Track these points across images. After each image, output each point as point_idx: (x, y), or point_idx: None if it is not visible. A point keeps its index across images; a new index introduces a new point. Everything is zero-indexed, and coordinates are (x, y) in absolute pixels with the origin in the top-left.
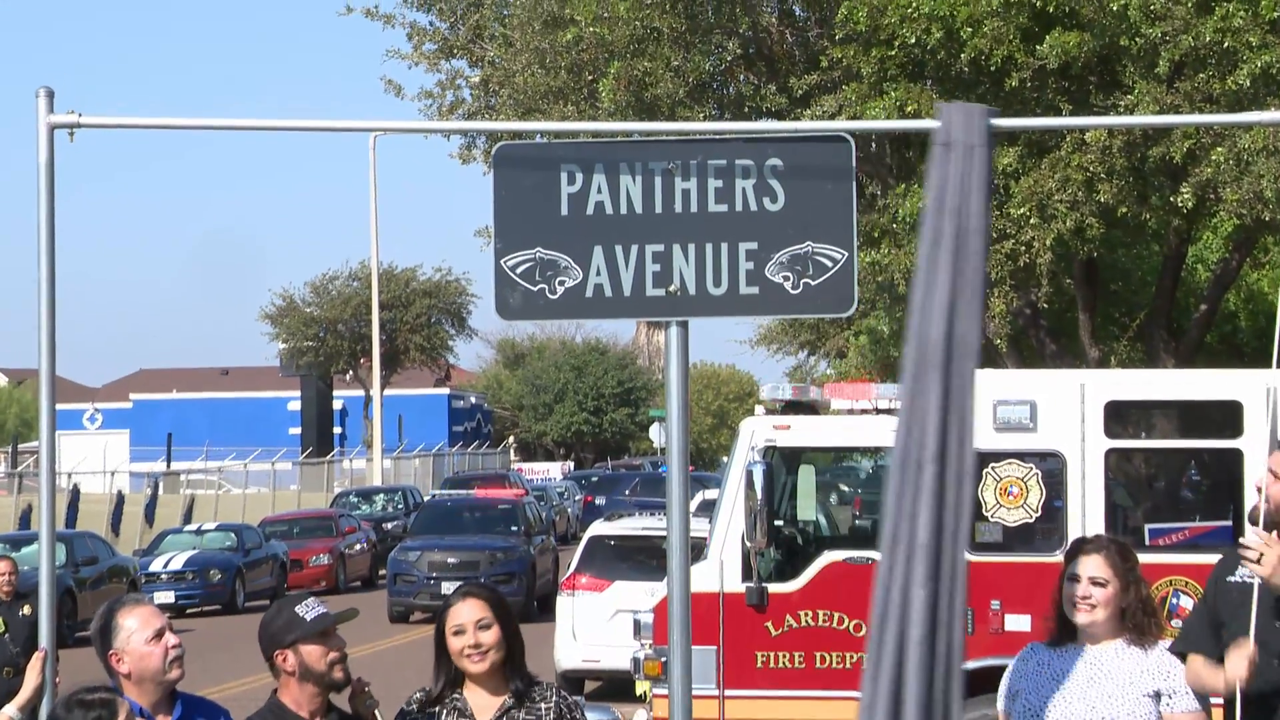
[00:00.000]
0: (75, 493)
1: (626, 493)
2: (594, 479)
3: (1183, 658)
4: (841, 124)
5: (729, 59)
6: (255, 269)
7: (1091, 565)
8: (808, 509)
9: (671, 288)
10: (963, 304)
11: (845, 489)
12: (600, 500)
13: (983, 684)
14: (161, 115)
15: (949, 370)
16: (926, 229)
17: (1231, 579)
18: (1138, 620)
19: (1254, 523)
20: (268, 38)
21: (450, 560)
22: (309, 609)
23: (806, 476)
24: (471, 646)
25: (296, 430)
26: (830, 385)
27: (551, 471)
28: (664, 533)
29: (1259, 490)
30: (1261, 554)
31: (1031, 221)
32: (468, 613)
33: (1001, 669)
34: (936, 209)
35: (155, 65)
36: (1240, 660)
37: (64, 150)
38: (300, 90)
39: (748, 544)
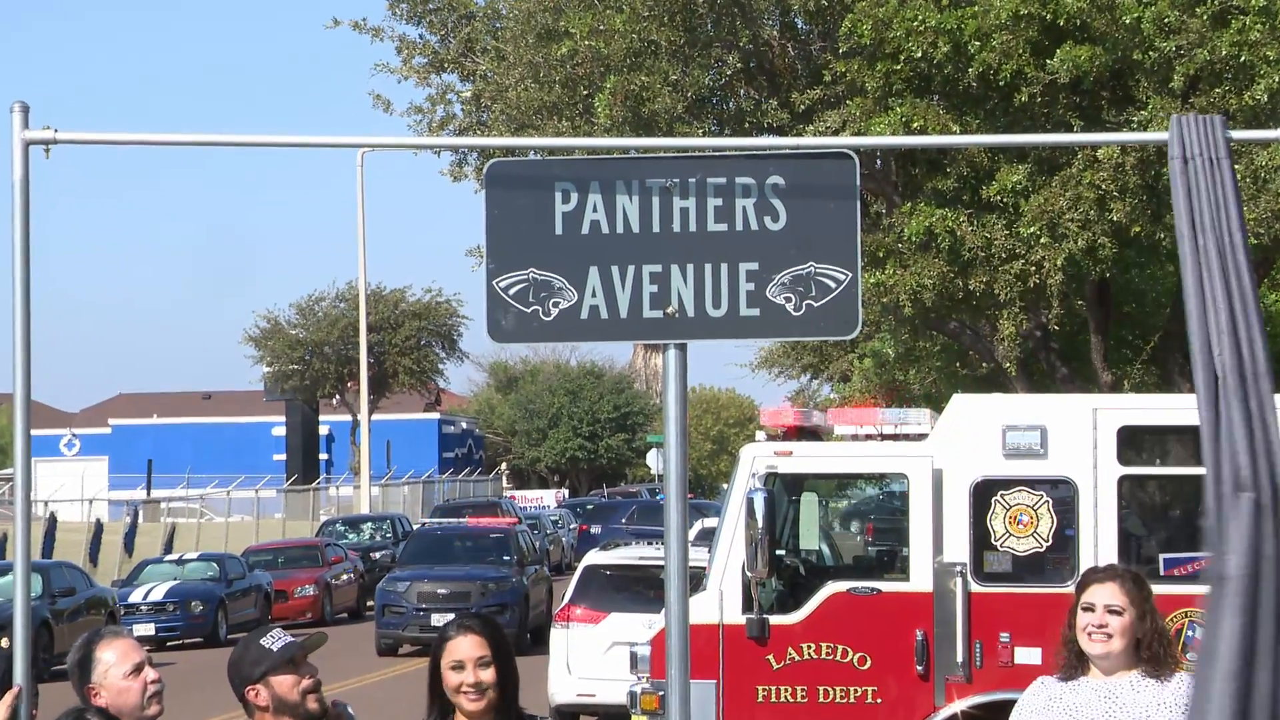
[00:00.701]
0: (52, 521)
1: (623, 521)
2: (589, 507)
3: None
4: (847, 140)
5: (729, 73)
6: (238, 289)
7: (1106, 593)
8: (810, 538)
9: (669, 309)
10: (1243, 322)
11: (853, 516)
12: (596, 529)
13: (992, 719)
14: (142, 130)
15: (1246, 393)
16: (1185, 250)
17: None
18: (1154, 651)
19: None
20: (251, 51)
21: (440, 591)
22: (275, 639)
23: (809, 504)
24: (470, 685)
25: (281, 456)
26: (834, 410)
27: (545, 499)
28: (662, 562)
29: None
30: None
31: (1042, 241)
32: (467, 648)
33: (1011, 704)
34: (1191, 228)
35: (135, 80)
36: None
37: (38, 165)
38: (285, 105)
39: (748, 574)
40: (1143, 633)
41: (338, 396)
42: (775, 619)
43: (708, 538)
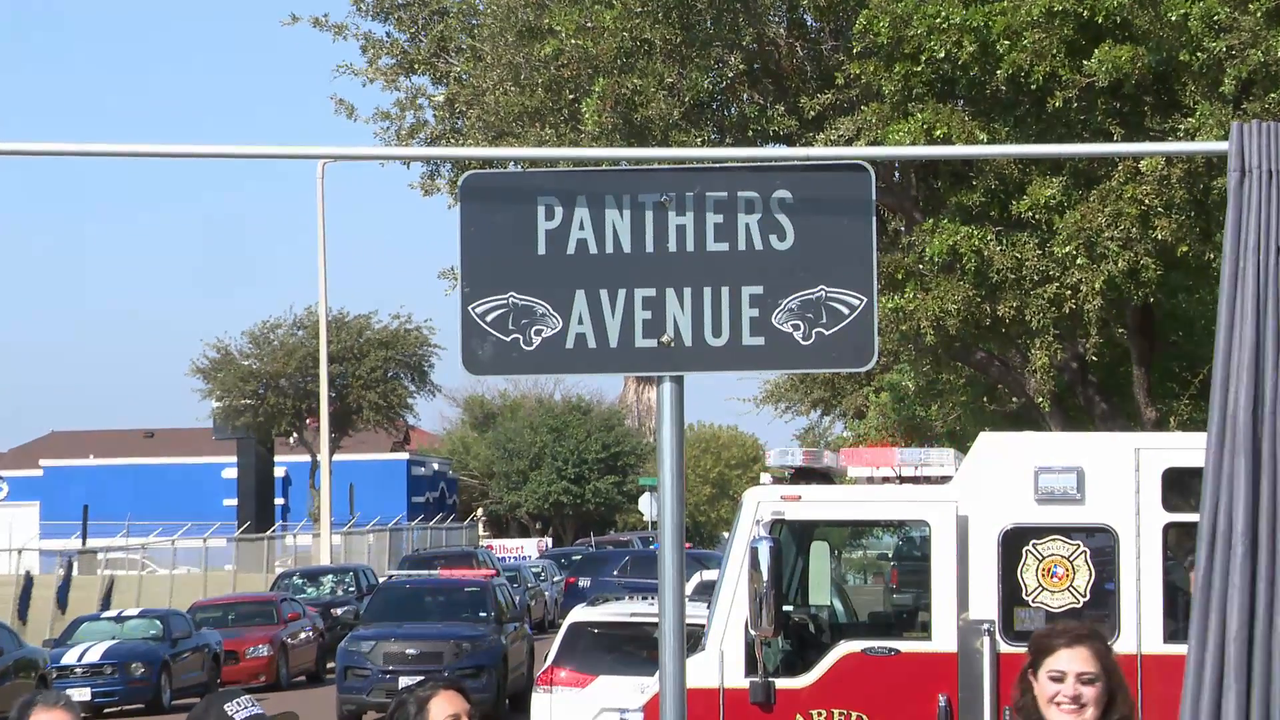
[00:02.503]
0: None
1: (615, 573)
2: (576, 558)
3: None
4: (862, 150)
5: (730, 75)
6: (185, 315)
7: (1078, 660)
8: (821, 592)
9: (664, 338)
10: (1272, 358)
11: (868, 568)
12: (585, 582)
13: None
14: (78, 140)
15: (1257, 433)
16: (1225, 270)
17: None
18: (1121, 714)
19: None
20: (198, 50)
21: (409, 651)
22: (240, 708)
23: (819, 554)
24: None
25: (232, 501)
26: (847, 450)
27: (526, 549)
28: (655, 619)
29: None
30: None
31: (1079, 262)
32: (457, 702)
33: None
34: (1235, 246)
35: (72, 87)
36: None
37: None
38: (237, 111)
39: (752, 632)
40: (1111, 695)
41: (295, 434)
42: (782, 682)
43: (707, 591)
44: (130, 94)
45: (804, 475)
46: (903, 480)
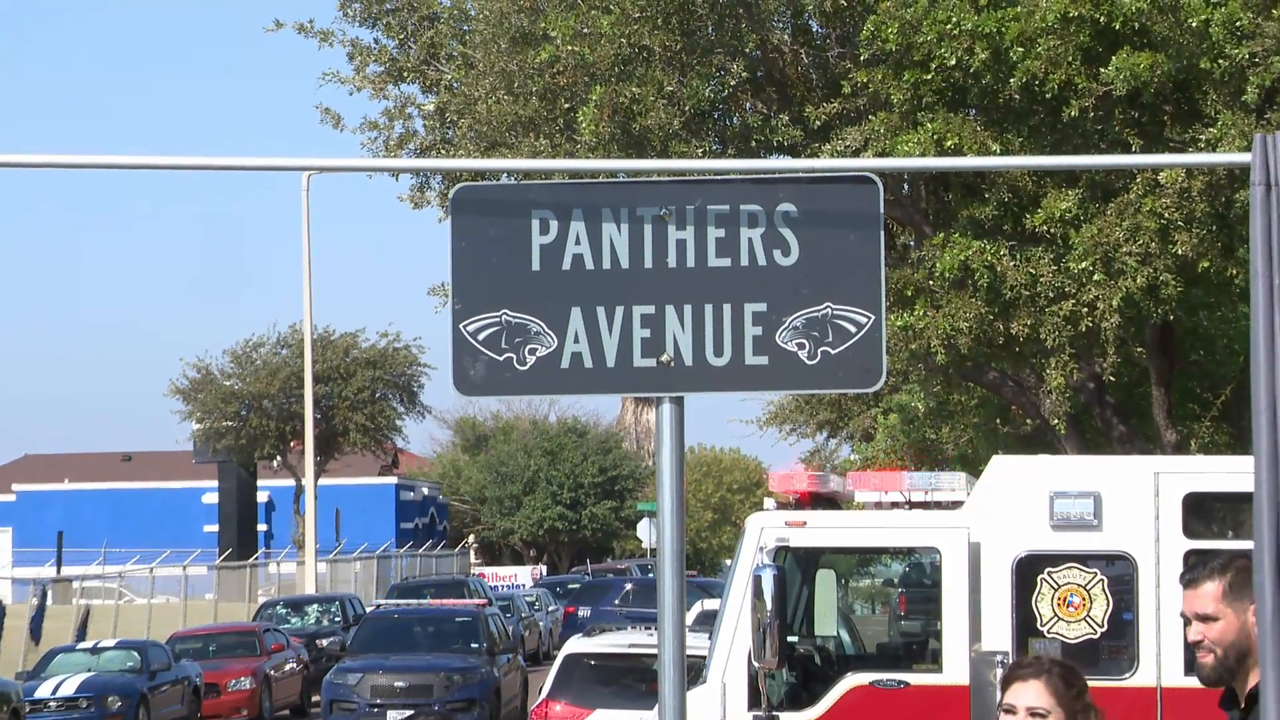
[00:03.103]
0: None
1: (616, 602)
2: (573, 586)
3: None
4: (870, 162)
5: (733, 83)
6: (164, 334)
7: (1030, 694)
8: (827, 621)
9: (664, 357)
10: None
11: (876, 596)
12: (584, 611)
13: None
14: (53, 153)
15: None
16: (1258, 288)
17: None
18: None
19: (1206, 681)
20: (198, 50)
21: (398, 684)
22: None
23: (825, 582)
24: None
25: (213, 528)
26: (854, 474)
27: (520, 577)
28: (654, 650)
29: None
30: None
31: (1095, 278)
32: None
33: None
34: (1267, 262)
35: (72, 88)
36: None
37: None
38: (237, 113)
39: (755, 664)
40: None
41: (279, 458)
42: (786, 716)
43: (709, 621)
44: (130, 94)
45: (809, 500)
46: (912, 505)
